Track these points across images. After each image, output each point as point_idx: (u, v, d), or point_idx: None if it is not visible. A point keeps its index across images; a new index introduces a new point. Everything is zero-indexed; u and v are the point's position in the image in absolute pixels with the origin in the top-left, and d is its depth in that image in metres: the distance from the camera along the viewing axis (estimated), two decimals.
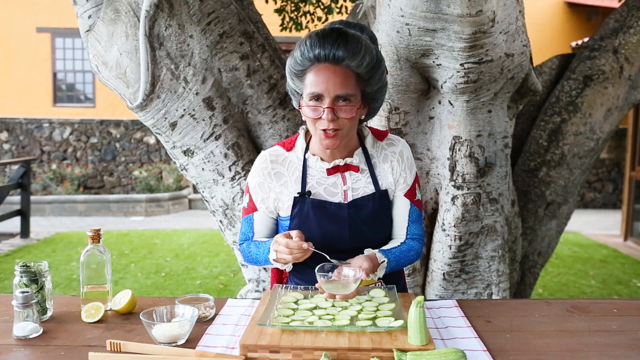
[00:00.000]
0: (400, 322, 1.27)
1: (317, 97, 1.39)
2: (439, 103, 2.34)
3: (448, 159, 2.38)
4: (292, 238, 1.38)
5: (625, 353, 1.28)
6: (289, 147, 1.56)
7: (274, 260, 1.47)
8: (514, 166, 3.00)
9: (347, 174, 1.52)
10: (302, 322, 1.30)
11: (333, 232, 1.51)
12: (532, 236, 3.00)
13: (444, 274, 2.49)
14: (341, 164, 1.51)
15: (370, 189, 1.53)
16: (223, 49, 2.34)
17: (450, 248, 2.43)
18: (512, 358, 1.25)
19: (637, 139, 7.18)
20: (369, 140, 1.57)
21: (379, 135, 1.59)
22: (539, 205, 2.96)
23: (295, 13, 4.82)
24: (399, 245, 1.55)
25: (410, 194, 1.58)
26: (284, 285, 1.56)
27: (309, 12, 4.87)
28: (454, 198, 2.40)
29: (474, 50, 2.04)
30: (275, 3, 4.86)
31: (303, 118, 1.47)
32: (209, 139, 2.34)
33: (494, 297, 2.53)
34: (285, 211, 1.54)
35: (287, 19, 4.84)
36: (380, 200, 1.53)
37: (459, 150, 2.35)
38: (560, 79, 3.12)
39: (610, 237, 7.45)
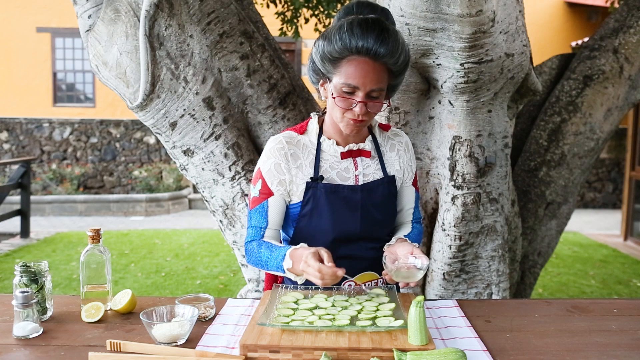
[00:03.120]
0: (400, 322, 1.27)
1: (352, 89, 1.41)
2: (439, 103, 2.34)
3: (448, 158, 2.38)
4: (323, 261, 1.35)
5: (625, 353, 1.28)
6: (301, 131, 1.58)
7: (288, 269, 1.43)
8: (514, 166, 3.00)
9: (358, 159, 1.56)
10: (302, 322, 1.30)
11: (345, 217, 1.52)
12: (532, 236, 3.00)
13: (444, 273, 2.49)
14: (355, 148, 1.55)
15: (379, 175, 1.57)
16: (223, 48, 2.34)
17: (450, 248, 2.43)
18: (512, 358, 1.25)
19: (637, 138, 7.18)
20: (377, 130, 1.63)
21: (384, 127, 1.66)
22: (539, 205, 2.96)
23: (296, 20, 4.82)
24: (412, 230, 1.64)
25: (415, 182, 1.68)
26: (284, 285, 1.57)
27: (313, 14, 4.87)
28: (454, 198, 2.40)
29: (474, 50, 2.04)
30: (276, 6, 4.86)
31: (322, 97, 1.49)
32: (209, 138, 2.34)
33: (494, 297, 2.53)
34: (298, 196, 1.53)
35: (287, 25, 4.84)
36: (389, 186, 1.58)
37: (459, 150, 2.35)
38: (560, 79, 3.12)
39: (610, 237, 7.45)
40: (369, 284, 1.59)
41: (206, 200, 2.55)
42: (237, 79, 2.40)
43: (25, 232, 7.02)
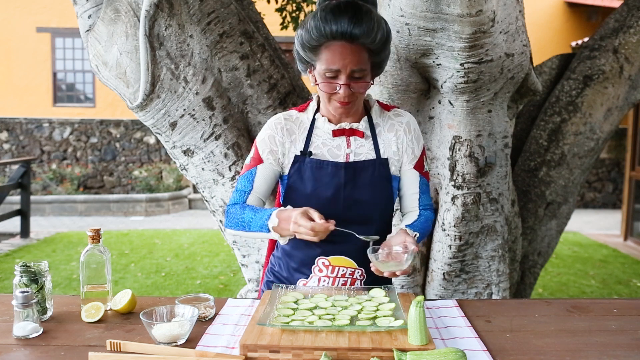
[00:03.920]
0: (400, 322, 1.27)
1: (334, 73, 1.44)
2: (439, 103, 2.34)
3: (448, 158, 2.38)
4: (312, 219, 1.37)
5: (625, 353, 1.28)
6: (301, 110, 1.63)
7: (273, 227, 1.44)
8: (514, 166, 3.00)
9: (352, 138, 1.57)
10: (302, 322, 1.30)
11: (328, 194, 1.52)
12: (532, 236, 3.00)
13: (444, 273, 2.49)
14: (347, 127, 1.56)
15: (372, 155, 1.57)
16: (223, 48, 2.34)
17: (450, 248, 2.43)
18: (512, 358, 1.25)
19: (637, 138, 7.18)
20: (375, 110, 1.62)
21: (386, 107, 1.64)
22: (539, 205, 2.96)
23: (297, 12, 4.82)
24: (417, 218, 1.60)
25: (418, 166, 1.62)
26: (284, 285, 1.57)
27: (311, 11, 4.87)
28: (454, 198, 2.40)
29: (474, 50, 2.04)
30: (277, 2, 4.86)
31: (312, 84, 1.52)
32: (209, 138, 2.34)
33: (494, 297, 2.53)
34: (288, 169, 1.56)
35: (288, 18, 4.84)
36: (380, 168, 1.56)
37: (459, 150, 2.35)
38: (560, 79, 3.12)
39: (610, 237, 7.45)
40: (344, 270, 1.57)
41: (206, 200, 2.55)
42: (237, 79, 2.40)
43: (25, 232, 7.02)
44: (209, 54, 2.31)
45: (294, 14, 4.83)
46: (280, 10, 4.82)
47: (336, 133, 1.56)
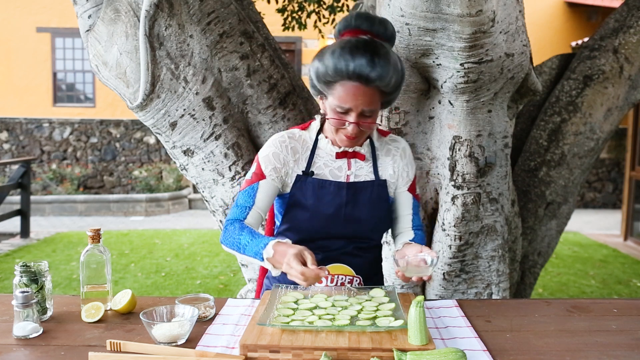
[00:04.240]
0: (400, 322, 1.27)
1: (345, 110, 1.48)
2: (439, 103, 2.34)
3: (448, 158, 2.38)
4: (306, 263, 1.36)
5: (625, 353, 1.28)
6: (304, 128, 1.66)
7: (267, 259, 1.43)
8: (514, 166, 3.00)
9: (352, 160, 1.61)
10: (302, 322, 1.30)
11: (329, 214, 1.56)
12: (532, 236, 3.00)
13: (444, 273, 2.49)
14: (350, 150, 1.60)
15: (371, 177, 1.62)
16: (223, 48, 2.34)
17: (450, 248, 2.43)
18: (512, 358, 1.25)
19: (637, 138, 7.18)
20: (375, 135, 1.67)
21: (383, 133, 1.70)
22: (539, 205, 2.96)
23: (299, 13, 4.82)
24: (415, 236, 1.66)
25: (412, 189, 1.71)
26: (284, 285, 1.57)
27: (314, 11, 4.86)
28: (454, 198, 2.40)
29: (474, 50, 2.04)
30: (277, 2, 4.86)
31: (322, 111, 1.57)
32: (209, 138, 2.35)
33: (494, 297, 2.53)
34: (290, 188, 1.59)
35: (289, 18, 4.83)
36: (379, 189, 1.62)
37: (459, 150, 2.35)
38: (560, 79, 3.12)
39: (610, 237, 7.45)
40: (342, 279, 1.60)
41: (206, 200, 2.55)
42: (237, 79, 2.40)
43: (25, 232, 7.02)
44: (209, 54, 2.31)
45: (295, 15, 4.83)
46: (281, 10, 4.81)
47: (339, 155, 1.61)
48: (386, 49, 1.45)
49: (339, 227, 1.57)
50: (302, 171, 1.58)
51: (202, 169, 2.41)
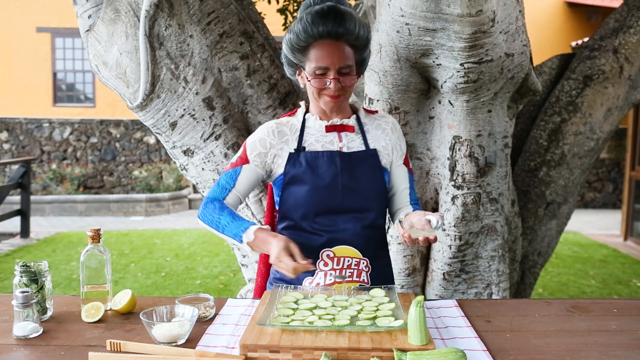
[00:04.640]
0: (400, 322, 1.27)
1: (323, 70, 1.54)
2: (439, 103, 2.34)
3: (448, 158, 2.38)
4: (294, 257, 1.43)
5: (625, 353, 1.28)
6: (291, 115, 1.72)
7: (247, 242, 1.49)
8: (514, 166, 3.00)
9: (343, 133, 1.65)
10: (302, 322, 1.30)
11: (326, 184, 1.59)
12: (532, 236, 3.00)
13: (444, 273, 2.49)
14: (338, 123, 1.65)
15: (362, 148, 1.66)
16: (223, 48, 2.34)
17: (450, 248, 2.43)
18: (512, 358, 1.25)
19: (637, 138, 7.18)
20: (362, 112, 1.72)
21: (370, 112, 1.76)
22: (539, 205, 2.96)
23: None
24: (414, 211, 1.67)
25: (406, 162, 1.75)
26: (284, 285, 1.57)
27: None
28: (454, 198, 2.40)
29: (474, 50, 2.04)
30: (277, 2, 4.86)
31: (301, 85, 1.63)
32: (209, 138, 2.35)
33: (494, 297, 2.53)
34: (283, 168, 1.62)
35: (290, 18, 4.84)
36: (372, 160, 1.65)
37: (459, 150, 2.35)
38: (560, 79, 3.12)
39: (610, 237, 7.45)
40: (349, 261, 1.60)
41: None
42: (237, 79, 2.40)
43: (25, 232, 7.02)
44: (209, 54, 2.31)
45: (295, 15, 4.84)
46: (281, 10, 4.82)
47: (329, 129, 1.65)
48: (349, 10, 1.55)
49: (337, 199, 1.59)
50: (294, 149, 1.62)
51: (202, 169, 2.41)
